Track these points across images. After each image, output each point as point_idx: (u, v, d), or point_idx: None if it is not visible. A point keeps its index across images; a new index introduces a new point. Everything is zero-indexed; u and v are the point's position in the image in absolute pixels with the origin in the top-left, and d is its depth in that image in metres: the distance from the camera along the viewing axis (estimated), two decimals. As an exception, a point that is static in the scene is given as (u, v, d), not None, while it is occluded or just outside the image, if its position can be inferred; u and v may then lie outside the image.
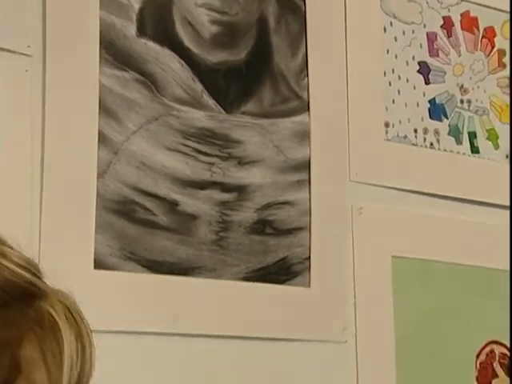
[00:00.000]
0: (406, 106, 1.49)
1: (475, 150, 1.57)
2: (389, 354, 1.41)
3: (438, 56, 1.54)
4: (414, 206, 1.49)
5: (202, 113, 1.26)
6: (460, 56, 1.56)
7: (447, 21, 1.56)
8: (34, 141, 1.10)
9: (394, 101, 1.47)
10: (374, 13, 1.48)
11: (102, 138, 1.15)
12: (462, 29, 1.58)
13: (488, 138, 1.59)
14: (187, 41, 1.26)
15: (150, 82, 1.21)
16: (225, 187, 1.27)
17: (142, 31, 1.22)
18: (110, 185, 1.16)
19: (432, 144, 1.51)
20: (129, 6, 1.21)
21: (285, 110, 1.34)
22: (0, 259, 0.70)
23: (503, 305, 1.54)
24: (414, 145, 1.49)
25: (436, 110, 1.53)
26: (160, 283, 1.19)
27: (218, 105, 1.28)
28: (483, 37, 1.61)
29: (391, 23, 1.49)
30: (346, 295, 1.37)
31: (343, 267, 1.38)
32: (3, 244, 0.70)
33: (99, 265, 1.13)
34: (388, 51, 1.48)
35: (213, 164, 1.26)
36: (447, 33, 1.56)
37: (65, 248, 1.09)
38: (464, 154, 1.56)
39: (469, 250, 1.57)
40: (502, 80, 1.62)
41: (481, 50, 1.60)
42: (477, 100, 1.59)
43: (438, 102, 1.53)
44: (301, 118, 1.36)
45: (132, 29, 1.21)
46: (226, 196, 1.27)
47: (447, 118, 1.54)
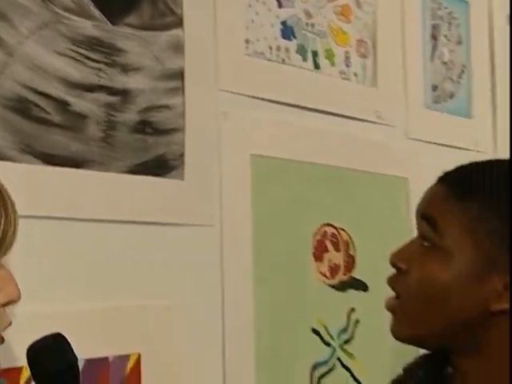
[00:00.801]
0: (262, 26, 1.52)
1: (317, 66, 1.64)
2: (247, 236, 1.46)
3: (289, -17, 1.59)
4: (270, 112, 1.53)
5: (90, 22, 1.23)
6: (306, -15, 1.63)
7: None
8: None
9: (253, 21, 1.51)
10: None
11: (-1, 41, 1.12)
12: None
13: (326, 57, 1.66)
14: (73, -46, 1.23)
15: (41, -10, 1.17)
16: (111, 91, 1.26)
17: None
18: (6, 84, 1.13)
19: (284, 60, 1.56)
20: None
21: (162, 24, 1.34)
22: None
23: (337, 196, 1.65)
24: (269, 60, 1.53)
25: (287, 31, 1.58)
26: (54, 174, 1.17)
27: (103, 16, 1.25)
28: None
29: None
30: (213, 187, 1.41)
31: (212, 163, 1.41)
32: None
33: (-2, 156, 1.11)
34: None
35: (100, 69, 1.25)
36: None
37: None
38: (308, 69, 1.62)
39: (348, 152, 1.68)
40: (336, 8, 1.70)
41: (322, -19, 1.67)
42: (318, 24, 1.65)
43: (288, 24, 1.58)
44: (176, 32, 1.36)
45: None
46: (112, 99, 1.26)
47: (296, 38, 1.60)
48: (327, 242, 1.63)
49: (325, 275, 1.61)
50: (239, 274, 1.44)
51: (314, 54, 1.64)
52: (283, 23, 1.58)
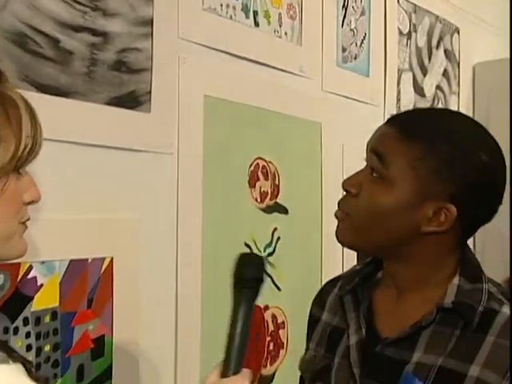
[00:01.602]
0: (214, -16, 1.55)
1: (257, 24, 1.67)
2: (199, 164, 1.51)
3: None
4: (220, 60, 1.57)
5: (77, -29, 1.25)
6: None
7: None
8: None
9: (208, -21, 1.53)
10: None
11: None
12: None
13: (264, 17, 1.70)
14: None
15: None
16: (94, 32, 1.29)
17: None
18: (7, 20, 1.14)
19: (231, 16, 1.59)
20: None
21: (137, -22, 1.36)
22: None
23: (267, 134, 1.71)
24: (219, 15, 1.57)
25: (235, -9, 1.60)
26: (46, 101, 1.19)
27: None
28: None
29: None
30: (173, 120, 1.45)
31: (173, 100, 1.45)
32: None
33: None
34: None
35: (85, 13, 1.27)
36: None
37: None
38: (250, 26, 1.65)
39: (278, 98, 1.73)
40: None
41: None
42: (259, -13, 1.69)
43: (234, -15, 1.60)
44: (147, -16, 1.38)
45: None
46: (95, 39, 1.29)
47: (241, -2, 1.63)
48: (259, 173, 1.69)
49: (256, 200, 1.68)
50: (191, 195, 1.50)
51: (255, 13, 1.67)
52: (230, -18, 1.59)
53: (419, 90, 2.42)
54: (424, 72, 2.46)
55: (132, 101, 1.36)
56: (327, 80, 1.93)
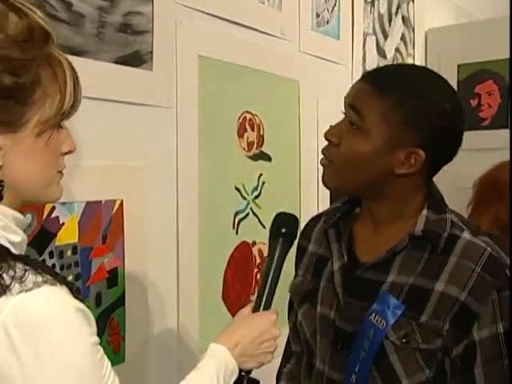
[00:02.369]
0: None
1: None
2: (194, 116, 1.52)
3: None
4: (213, 23, 1.57)
5: None
6: None
7: None
8: None
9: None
10: None
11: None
12: None
13: None
14: None
15: None
16: None
17: None
18: None
19: None
20: None
21: None
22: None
23: (254, 91, 1.71)
24: None
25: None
26: None
27: None
28: None
29: None
30: (172, 77, 1.45)
31: (172, 59, 1.45)
32: None
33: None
34: None
35: None
36: None
37: None
38: None
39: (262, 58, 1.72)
40: None
41: None
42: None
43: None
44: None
45: None
46: (103, 3, 1.28)
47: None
48: (246, 125, 1.70)
49: (244, 149, 1.70)
50: (188, 144, 1.51)
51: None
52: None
53: (381, 51, 2.45)
54: (385, 36, 2.47)
55: (136, 59, 1.36)
56: (304, 42, 1.94)
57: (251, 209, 1.73)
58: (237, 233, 1.69)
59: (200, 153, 1.54)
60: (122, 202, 1.35)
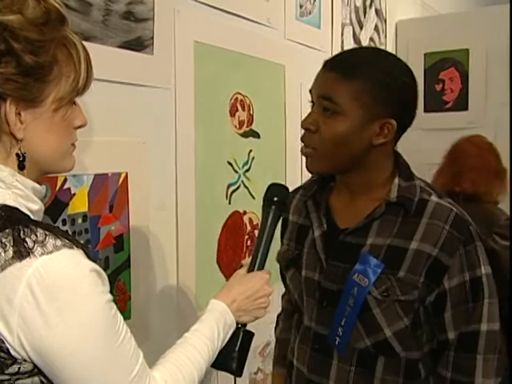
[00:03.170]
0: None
1: None
2: (191, 96, 1.50)
3: None
4: (208, 13, 1.55)
5: None
6: None
7: None
8: None
9: None
10: None
11: None
12: None
13: None
14: None
15: None
16: None
17: None
18: None
19: None
20: None
21: None
22: None
23: (244, 74, 1.68)
24: None
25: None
26: None
27: None
28: None
29: None
30: (171, 61, 1.43)
31: (170, 45, 1.43)
32: None
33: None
34: None
35: None
36: None
37: None
38: None
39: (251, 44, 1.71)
40: None
41: None
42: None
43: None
44: None
45: None
46: None
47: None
48: (237, 105, 1.69)
49: (236, 127, 1.69)
50: (186, 122, 1.50)
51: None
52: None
53: (357, 40, 2.44)
54: (361, 26, 2.46)
55: (138, 45, 1.34)
56: (289, 30, 1.92)
57: (242, 181, 1.73)
58: (229, 203, 1.69)
59: (196, 130, 1.53)
60: (126, 175, 1.33)
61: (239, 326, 0.96)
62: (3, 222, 0.68)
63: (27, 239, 0.68)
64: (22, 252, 0.67)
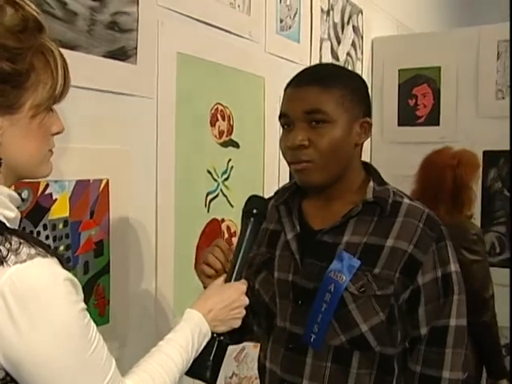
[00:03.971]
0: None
1: None
2: (172, 107, 1.51)
3: None
4: (190, 25, 1.55)
5: None
6: None
7: None
8: None
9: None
10: None
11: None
12: None
13: None
14: None
15: None
16: None
17: None
18: None
19: None
20: None
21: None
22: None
23: (225, 85, 1.70)
24: None
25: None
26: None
27: None
28: None
29: None
30: (153, 72, 1.44)
31: (154, 55, 1.44)
32: None
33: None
34: None
35: None
36: None
37: None
38: None
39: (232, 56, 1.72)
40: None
41: None
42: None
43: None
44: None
45: None
46: (94, 3, 1.26)
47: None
48: (218, 115, 1.70)
49: (216, 136, 1.70)
50: (167, 131, 1.51)
51: (216, -12, 1.63)
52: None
53: (335, 55, 2.48)
54: (338, 41, 2.51)
55: (122, 54, 1.35)
56: (269, 44, 1.95)
57: (221, 190, 1.74)
58: (208, 211, 1.69)
59: (177, 139, 1.54)
60: (107, 182, 1.34)
61: (214, 335, 0.96)
62: None
63: (1, 247, 0.68)
64: None
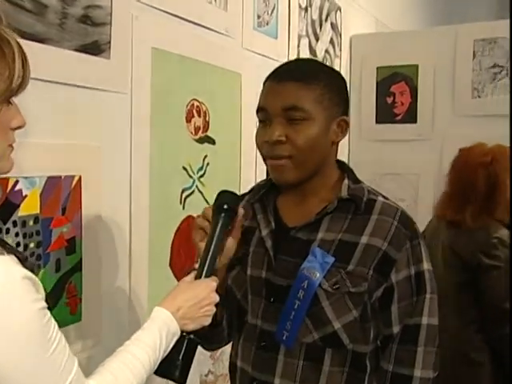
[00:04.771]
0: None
1: None
2: (147, 102, 1.49)
3: None
4: (166, 19, 1.54)
5: None
6: None
7: None
8: None
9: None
10: None
11: None
12: None
13: None
14: None
15: None
16: None
17: None
18: None
19: None
20: None
21: None
22: None
23: (200, 81, 1.69)
24: None
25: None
26: (26, 46, 1.07)
27: None
28: None
29: None
30: (128, 66, 1.42)
31: (128, 50, 1.42)
32: None
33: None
34: None
35: None
36: None
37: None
38: None
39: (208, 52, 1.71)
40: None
41: None
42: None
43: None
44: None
45: None
46: None
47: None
48: (194, 111, 1.69)
49: (191, 133, 1.69)
50: (142, 127, 1.49)
51: (192, -17, 1.61)
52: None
53: (313, 52, 2.48)
54: (316, 38, 2.50)
55: (95, 49, 1.33)
56: (246, 40, 1.93)
57: (197, 186, 1.73)
58: (183, 208, 1.68)
59: (152, 135, 1.52)
60: (80, 178, 1.32)
61: (184, 333, 0.95)
62: None
63: None
64: None
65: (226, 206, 1.01)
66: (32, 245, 1.22)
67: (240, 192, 1.87)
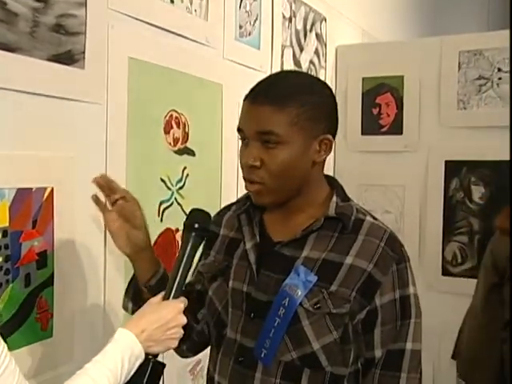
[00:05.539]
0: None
1: (172, 1, 1.61)
2: (123, 113, 1.47)
3: None
4: (142, 28, 1.52)
5: None
6: None
7: None
8: None
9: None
10: None
11: None
12: None
13: None
14: None
15: None
16: None
17: None
18: None
19: None
20: None
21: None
22: None
23: (180, 91, 1.67)
24: None
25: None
26: None
27: None
28: None
29: None
30: (103, 77, 1.40)
31: (103, 60, 1.40)
32: None
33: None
34: None
35: None
36: None
37: None
38: (167, 2, 1.59)
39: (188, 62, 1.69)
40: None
41: None
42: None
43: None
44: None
45: None
46: (37, 4, 1.22)
47: (158, -21, 1.54)
48: (172, 122, 1.66)
49: (170, 144, 1.67)
50: (117, 138, 1.47)
51: (171, -8, 1.60)
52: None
53: (297, 62, 2.46)
54: (301, 49, 2.49)
55: (68, 58, 1.30)
56: (227, 50, 1.92)
57: (175, 198, 1.70)
58: (161, 220, 1.66)
59: (128, 147, 1.50)
60: (52, 190, 1.29)
61: (149, 356, 0.92)
62: None
63: None
64: None
65: (196, 225, 0.99)
66: (0, 259, 1.19)
67: (221, 205, 1.86)
